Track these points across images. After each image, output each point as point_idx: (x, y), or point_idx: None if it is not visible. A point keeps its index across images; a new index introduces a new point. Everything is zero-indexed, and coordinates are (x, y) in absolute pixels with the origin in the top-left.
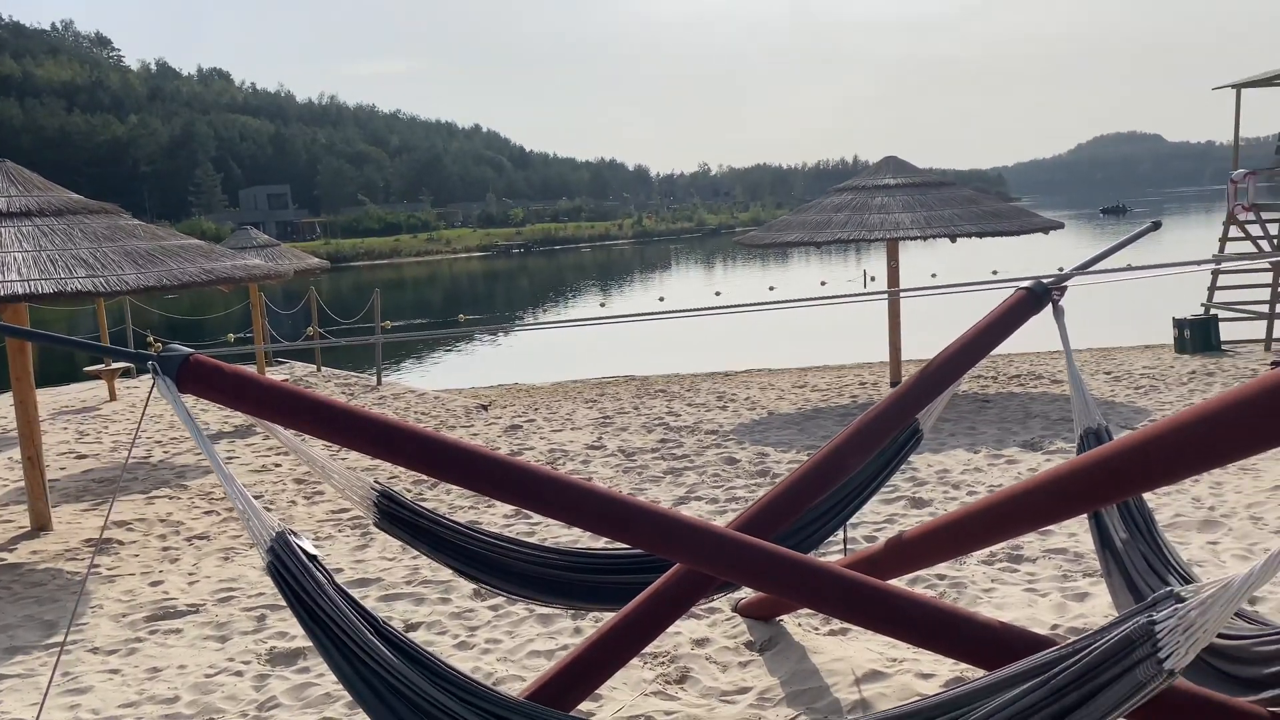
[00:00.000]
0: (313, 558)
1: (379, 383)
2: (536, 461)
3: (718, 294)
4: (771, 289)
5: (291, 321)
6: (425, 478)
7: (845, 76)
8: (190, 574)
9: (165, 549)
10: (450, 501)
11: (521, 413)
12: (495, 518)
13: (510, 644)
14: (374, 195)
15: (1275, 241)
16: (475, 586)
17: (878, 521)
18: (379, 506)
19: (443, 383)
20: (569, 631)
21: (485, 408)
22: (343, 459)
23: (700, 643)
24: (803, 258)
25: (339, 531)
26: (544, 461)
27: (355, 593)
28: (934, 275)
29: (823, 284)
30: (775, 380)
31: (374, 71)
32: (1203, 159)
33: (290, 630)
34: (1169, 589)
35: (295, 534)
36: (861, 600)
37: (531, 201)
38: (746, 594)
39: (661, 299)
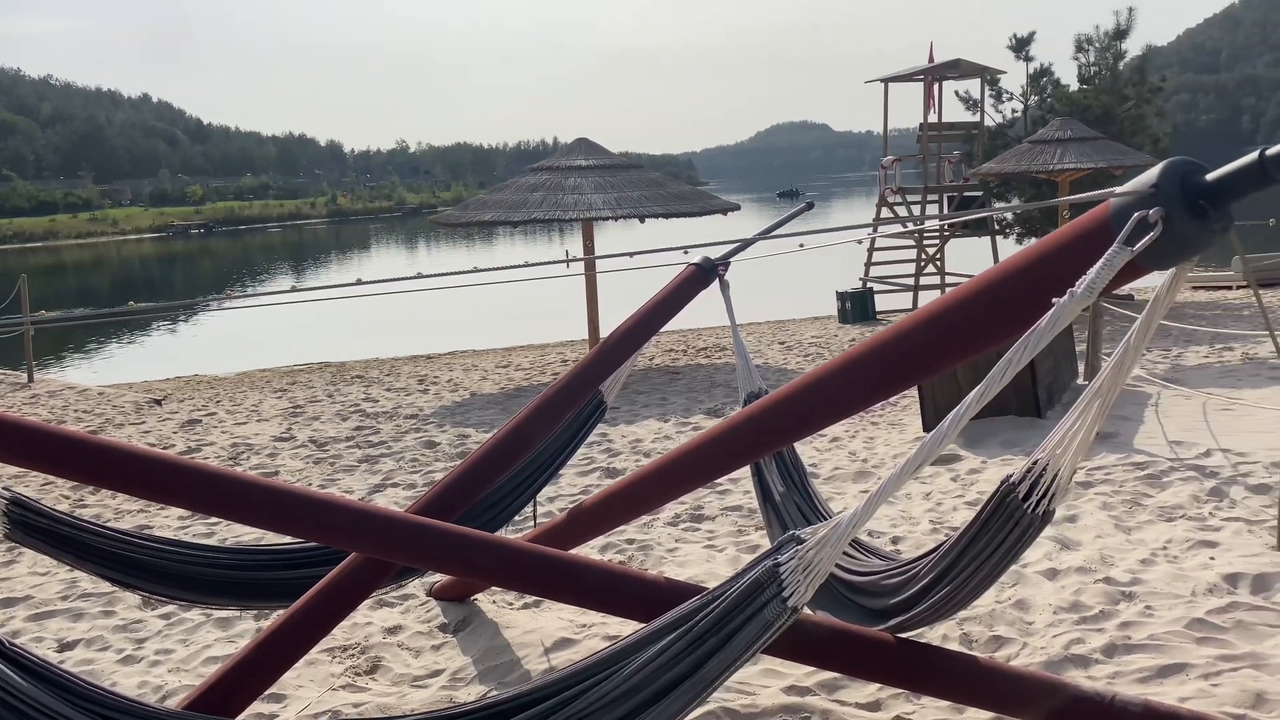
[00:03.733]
0: None
1: (30, 379)
2: (217, 457)
3: (419, 275)
4: (475, 269)
5: None
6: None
7: (546, 58)
8: None
9: None
10: (116, 505)
11: (201, 406)
12: (169, 520)
13: (184, 653)
14: (22, 170)
15: (919, 220)
16: (141, 596)
17: (574, 494)
18: (8, 515)
19: (110, 377)
20: (252, 634)
21: (159, 402)
22: None
23: (392, 630)
24: (507, 238)
25: None
26: (225, 457)
27: None
28: (630, 256)
29: (526, 264)
30: (479, 361)
31: (17, 31)
32: (863, 147)
33: None
34: (791, 533)
35: None
36: (534, 571)
37: (212, 178)
38: (440, 578)
39: (360, 281)
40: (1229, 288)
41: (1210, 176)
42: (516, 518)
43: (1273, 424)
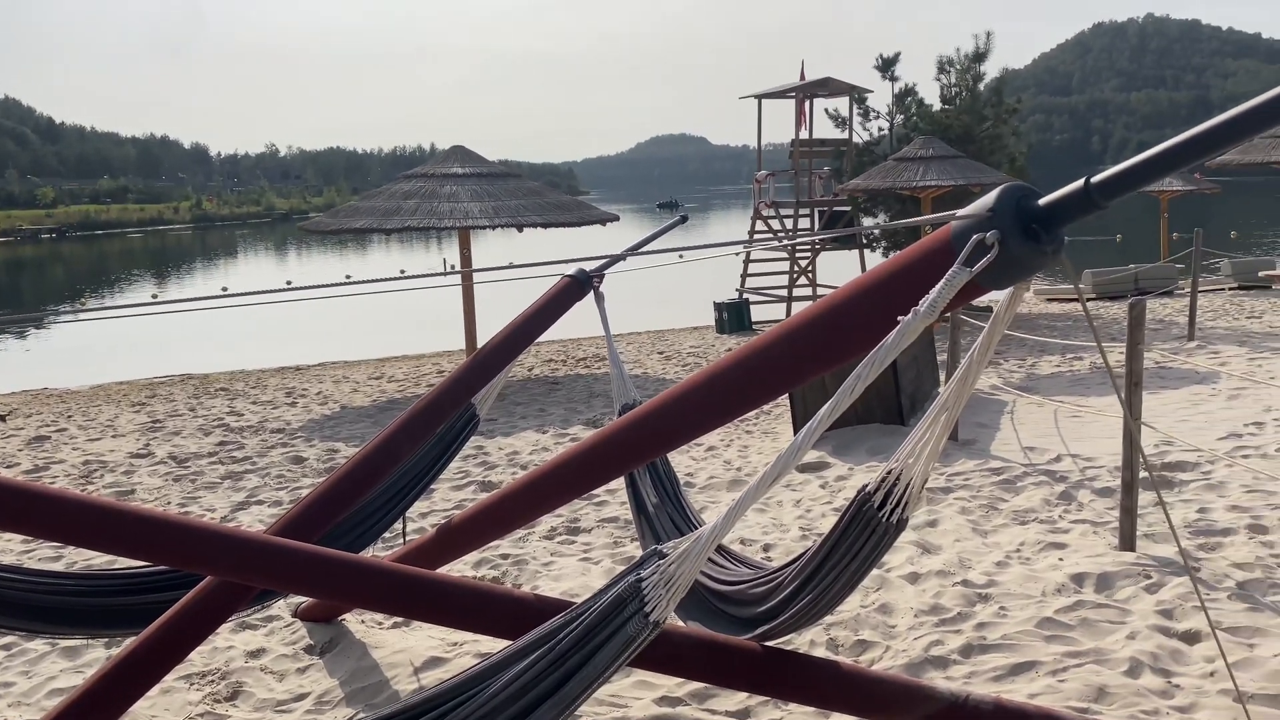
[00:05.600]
0: None
1: None
2: (67, 476)
3: (289, 283)
4: (349, 277)
5: None
6: None
7: (426, 63)
8: None
9: None
10: None
11: (51, 421)
12: (11, 544)
13: (25, 685)
14: None
15: (791, 234)
16: None
17: (448, 508)
18: None
19: None
20: (101, 663)
21: (2, 418)
22: None
23: (255, 654)
24: (382, 245)
25: None
26: (76, 475)
27: None
28: (510, 264)
29: (402, 272)
30: (351, 373)
31: None
32: (740, 160)
33: None
34: (654, 547)
35: None
36: (397, 592)
37: (65, 180)
38: (307, 598)
39: (225, 289)
40: (1080, 300)
41: (1042, 201)
42: (386, 534)
43: (1116, 430)
